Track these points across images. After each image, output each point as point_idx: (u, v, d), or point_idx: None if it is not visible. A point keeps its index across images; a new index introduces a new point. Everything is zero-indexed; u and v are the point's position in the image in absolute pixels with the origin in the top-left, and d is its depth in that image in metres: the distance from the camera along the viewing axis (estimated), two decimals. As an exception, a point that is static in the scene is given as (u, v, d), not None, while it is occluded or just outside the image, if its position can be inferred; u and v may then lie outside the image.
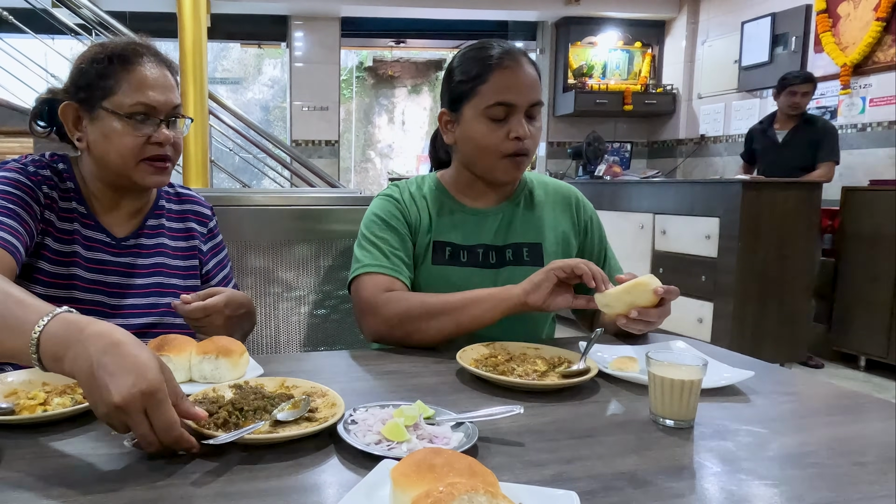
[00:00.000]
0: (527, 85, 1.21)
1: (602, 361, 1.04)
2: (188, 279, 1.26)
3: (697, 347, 1.14)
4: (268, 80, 10.39)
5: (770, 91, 5.32)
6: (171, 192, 1.32)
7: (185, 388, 0.92)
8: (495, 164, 1.24)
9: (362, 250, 1.27)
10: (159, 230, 1.26)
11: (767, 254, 3.74)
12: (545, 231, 1.33)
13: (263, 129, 4.91)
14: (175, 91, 1.16)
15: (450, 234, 1.29)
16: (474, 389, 0.95)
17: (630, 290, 1.04)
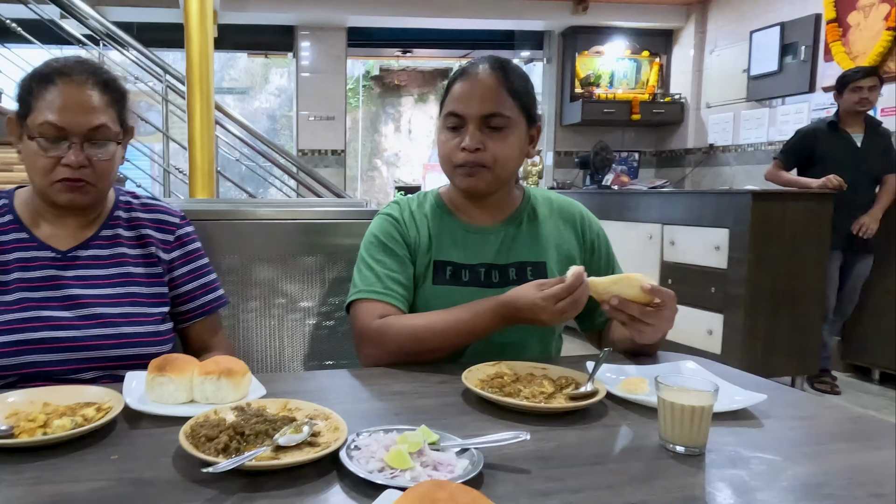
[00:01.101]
0: (479, 96, 1.20)
1: (610, 383, 1.02)
2: (153, 286, 1.23)
3: (707, 367, 1.13)
4: (274, 90, 10.45)
5: (779, 101, 5.33)
6: (135, 202, 1.29)
7: (187, 410, 0.92)
8: (451, 172, 1.25)
9: (359, 273, 1.28)
10: (116, 240, 1.24)
11: (778, 265, 3.71)
12: (549, 249, 1.31)
13: (270, 138, 4.93)
14: (98, 113, 1.12)
15: (451, 253, 1.28)
16: (480, 412, 0.94)
17: (617, 282, 1.06)
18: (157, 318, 1.20)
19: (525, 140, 1.26)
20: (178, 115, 4.58)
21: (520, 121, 1.23)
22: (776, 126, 5.26)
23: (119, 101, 1.18)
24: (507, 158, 1.23)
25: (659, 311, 1.05)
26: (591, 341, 1.41)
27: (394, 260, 1.26)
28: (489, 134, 1.21)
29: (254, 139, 4.72)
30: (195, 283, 1.29)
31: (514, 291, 1.10)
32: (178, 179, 4.62)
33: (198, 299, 1.29)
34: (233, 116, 4.50)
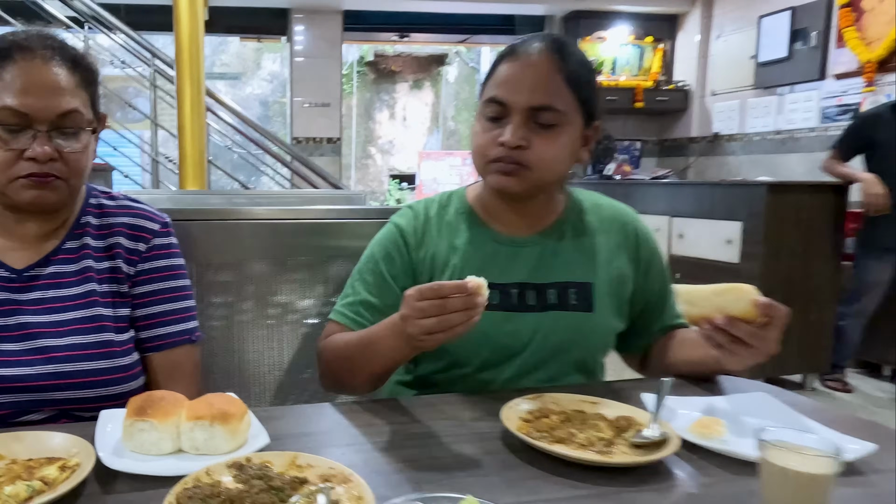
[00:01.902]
0: (529, 82, 1.00)
1: (676, 421, 0.86)
2: (119, 307, 1.02)
3: (777, 396, 0.97)
4: (267, 75, 10.18)
5: (787, 88, 5.16)
6: (109, 204, 1.08)
7: (173, 465, 0.75)
8: (484, 168, 1.05)
9: (347, 287, 1.12)
10: (83, 251, 1.02)
11: (792, 260, 3.57)
12: (597, 267, 1.10)
13: (262, 125, 4.72)
14: (68, 95, 0.93)
15: (477, 270, 1.03)
16: (528, 463, 0.77)
17: (722, 293, 0.88)
18: (124, 348, 1.00)
19: (578, 141, 1.05)
20: (168, 101, 4.38)
21: (575, 117, 1.03)
22: (784, 115, 5.10)
23: (91, 83, 0.99)
24: (553, 161, 1.03)
25: (766, 332, 0.87)
26: (631, 364, 1.24)
27: (377, 280, 1.08)
28: (536, 130, 1.00)
29: (246, 127, 4.51)
30: (157, 308, 1.05)
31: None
32: (168, 169, 4.42)
33: (154, 328, 1.04)
34: (225, 103, 4.30)
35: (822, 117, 4.76)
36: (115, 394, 0.95)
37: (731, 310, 0.86)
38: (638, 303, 1.13)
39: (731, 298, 0.86)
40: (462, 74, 11.03)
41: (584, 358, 1.10)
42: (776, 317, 0.86)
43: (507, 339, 1.06)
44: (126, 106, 4.76)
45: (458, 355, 1.07)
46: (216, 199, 2.41)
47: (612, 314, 1.10)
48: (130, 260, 1.05)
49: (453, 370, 1.08)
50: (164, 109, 4.57)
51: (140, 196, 2.20)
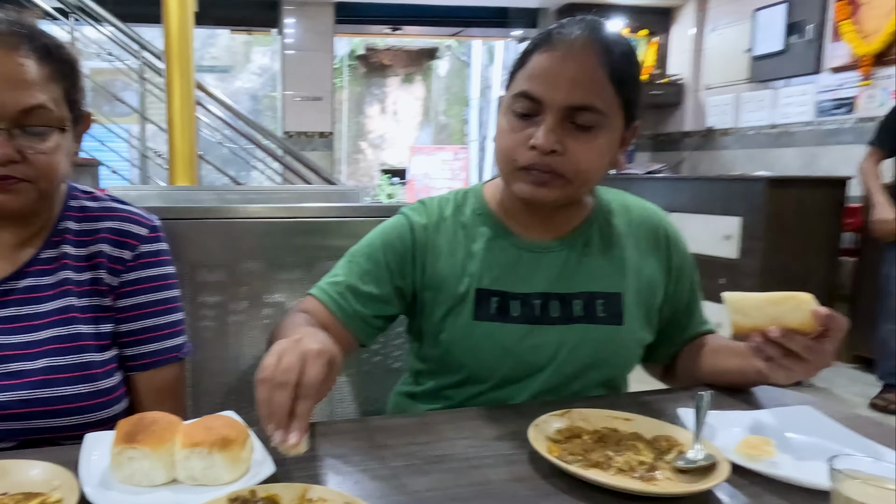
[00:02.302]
0: (569, 78, 0.87)
1: (718, 439, 0.79)
2: (100, 323, 0.91)
3: (825, 410, 0.90)
4: (257, 69, 10.02)
5: (782, 82, 5.11)
6: (92, 206, 0.96)
7: (168, 496, 0.66)
8: (510, 173, 0.93)
9: (337, 266, 1.02)
10: (61, 262, 0.91)
11: (791, 255, 3.53)
12: (626, 276, 1.00)
13: (253, 119, 4.61)
14: (34, 89, 0.82)
15: (497, 278, 0.97)
16: (564, 493, 0.69)
17: (778, 302, 0.78)
18: (106, 369, 0.89)
19: (616, 145, 0.94)
20: (157, 94, 4.25)
21: (616, 119, 0.91)
22: (779, 108, 5.05)
23: (66, 76, 0.87)
24: (590, 170, 0.91)
25: (822, 345, 0.79)
26: (652, 373, 1.15)
27: (371, 267, 0.99)
28: (571, 132, 0.88)
29: (237, 121, 4.40)
30: (143, 323, 0.94)
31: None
32: (157, 164, 4.30)
33: (140, 345, 0.94)
34: (215, 96, 4.19)
35: (818, 111, 4.70)
36: (97, 420, 0.85)
37: (787, 321, 0.78)
38: (667, 311, 1.05)
39: (788, 308, 0.78)
40: (453, 68, 10.93)
41: (612, 375, 1.02)
42: (835, 329, 0.77)
43: (530, 355, 0.96)
44: (113, 100, 4.63)
45: (474, 370, 0.98)
46: (207, 196, 2.31)
47: (642, 326, 1.01)
48: (114, 269, 0.93)
49: (468, 386, 0.99)
50: (153, 103, 4.44)
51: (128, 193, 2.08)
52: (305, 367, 0.65)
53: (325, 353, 0.68)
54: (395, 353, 1.33)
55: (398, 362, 1.33)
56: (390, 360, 1.32)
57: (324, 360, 0.67)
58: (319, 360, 0.66)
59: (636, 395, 1.02)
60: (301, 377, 0.65)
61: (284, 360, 0.66)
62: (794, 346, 0.78)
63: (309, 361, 0.66)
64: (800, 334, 0.78)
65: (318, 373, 0.65)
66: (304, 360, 0.66)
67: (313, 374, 0.65)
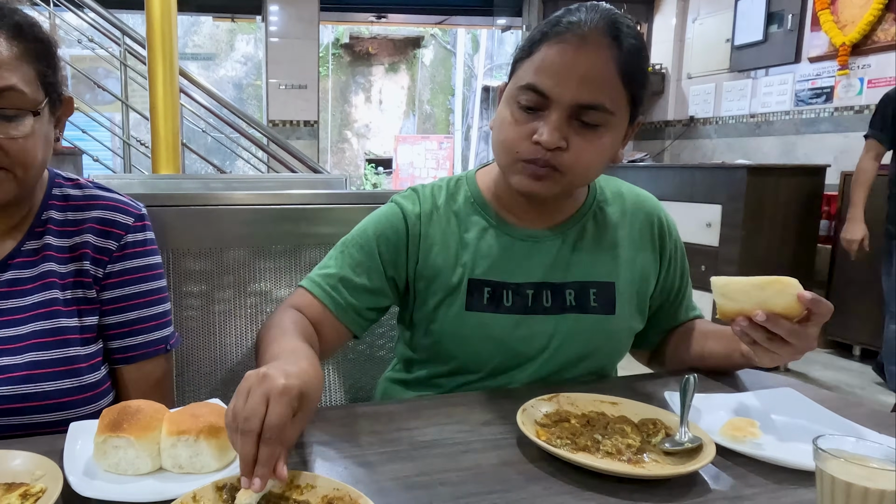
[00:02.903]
0: (580, 75, 0.83)
1: (704, 421, 0.79)
2: (85, 316, 0.88)
3: (802, 390, 0.91)
4: (241, 57, 9.88)
5: (762, 72, 5.13)
6: (76, 194, 0.92)
7: (153, 488, 0.65)
8: (510, 165, 0.90)
9: (328, 257, 0.99)
10: (44, 253, 0.87)
11: (770, 242, 3.57)
12: (620, 265, 0.98)
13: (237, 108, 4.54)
14: (4, 70, 0.77)
15: (490, 268, 0.95)
16: (553, 476, 0.69)
17: (764, 286, 0.78)
18: (91, 363, 0.87)
19: (620, 140, 0.91)
20: (139, 82, 4.17)
21: (622, 117, 0.88)
22: (758, 98, 5.08)
23: (41, 56, 0.82)
24: (593, 166, 0.89)
25: (806, 329, 0.78)
26: (639, 357, 1.15)
27: (365, 258, 0.96)
28: (577, 128, 0.85)
29: (221, 109, 4.33)
30: (130, 315, 0.91)
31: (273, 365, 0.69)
32: (140, 153, 4.22)
33: (126, 338, 0.91)
34: (199, 83, 4.11)
35: (796, 100, 4.74)
36: (82, 415, 0.82)
37: (773, 305, 0.78)
38: (657, 298, 1.04)
39: (773, 292, 0.78)
40: (438, 57, 10.86)
41: (603, 364, 1.01)
42: (819, 313, 0.77)
43: (521, 345, 0.95)
44: (95, 87, 4.52)
45: (466, 360, 0.96)
46: (191, 184, 2.27)
47: (633, 315, 1.00)
48: (98, 260, 0.89)
49: (459, 376, 0.98)
50: (136, 91, 4.36)
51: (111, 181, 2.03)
52: (269, 409, 0.60)
53: (290, 389, 0.62)
54: (380, 342, 1.32)
55: (384, 350, 1.32)
56: (376, 347, 1.31)
57: (288, 397, 0.61)
58: (283, 399, 0.61)
59: (623, 379, 1.02)
60: (264, 420, 0.60)
61: (248, 404, 0.60)
62: (778, 329, 0.78)
63: (272, 401, 0.60)
64: (785, 318, 0.78)
65: (280, 413, 0.60)
66: (268, 400, 0.61)
67: (275, 416, 0.59)
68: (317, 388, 0.69)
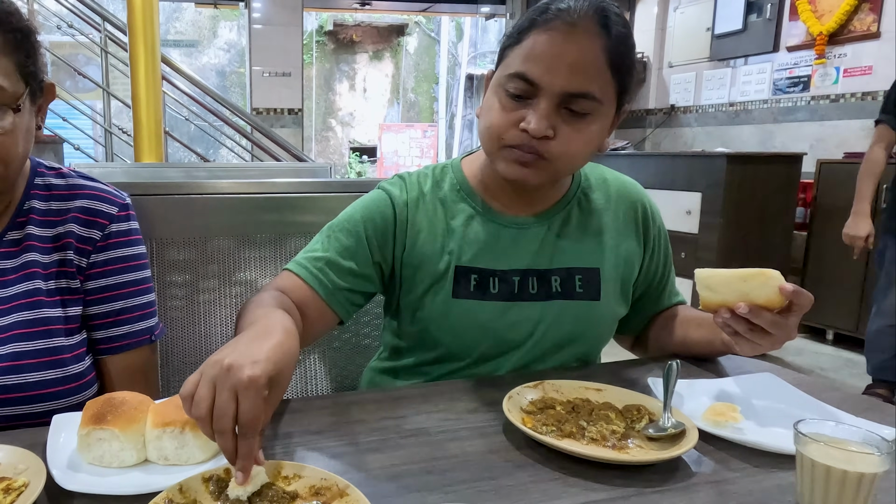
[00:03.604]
0: (569, 63, 0.81)
1: (686, 407, 0.79)
2: (69, 306, 0.86)
3: (782, 376, 0.91)
4: (224, 44, 9.72)
5: (741, 60, 5.16)
6: (58, 184, 0.90)
7: (139, 480, 0.64)
8: (496, 152, 0.89)
9: (314, 241, 0.97)
10: (26, 243, 0.85)
11: (748, 229, 3.60)
12: (605, 251, 0.98)
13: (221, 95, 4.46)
14: None
15: (476, 255, 0.94)
16: (539, 463, 0.69)
17: (747, 279, 0.78)
18: (75, 353, 0.85)
19: (607, 129, 0.90)
20: (121, 69, 4.09)
21: (610, 106, 0.87)
22: (737, 87, 5.11)
23: (20, 46, 0.78)
24: (579, 154, 0.88)
25: (787, 320, 0.79)
26: (622, 343, 1.16)
27: (352, 242, 0.94)
28: (565, 117, 0.84)
29: (205, 97, 4.26)
30: (114, 305, 0.89)
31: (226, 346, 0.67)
32: (123, 141, 4.15)
33: (110, 328, 0.89)
34: (182, 71, 4.04)
35: (774, 89, 4.77)
36: (67, 406, 0.81)
37: (755, 297, 0.78)
38: (641, 285, 1.04)
39: (756, 284, 0.78)
40: (422, 45, 10.77)
41: (587, 350, 1.01)
42: (800, 304, 0.78)
43: (508, 332, 0.94)
44: (76, 74, 4.43)
45: (452, 348, 0.96)
46: (174, 173, 2.23)
47: (618, 301, 1.00)
48: (82, 250, 0.88)
49: (445, 363, 0.98)
50: (117, 78, 4.28)
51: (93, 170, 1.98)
52: (239, 404, 0.58)
53: (256, 381, 0.59)
54: (365, 330, 1.31)
55: (369, 338, 1.31)
56: (361, 336, 1.30)
57: (256, 389, 0.59)
58: (251, 393, 0.58)
59: (607, 365, 1.02)
60: (237, 416, 0.58)
61: (217, 402, 0.58)
62: (760, 321, 0.78)
63: (241, 395, 0.58)
64: (766, 310, 0.78)
65: (251, 408, 0.58)
66: (237, 395, 0.58)
67: (247, 411, 0.58)
68: (289, 363, 0.66)
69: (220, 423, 0.57)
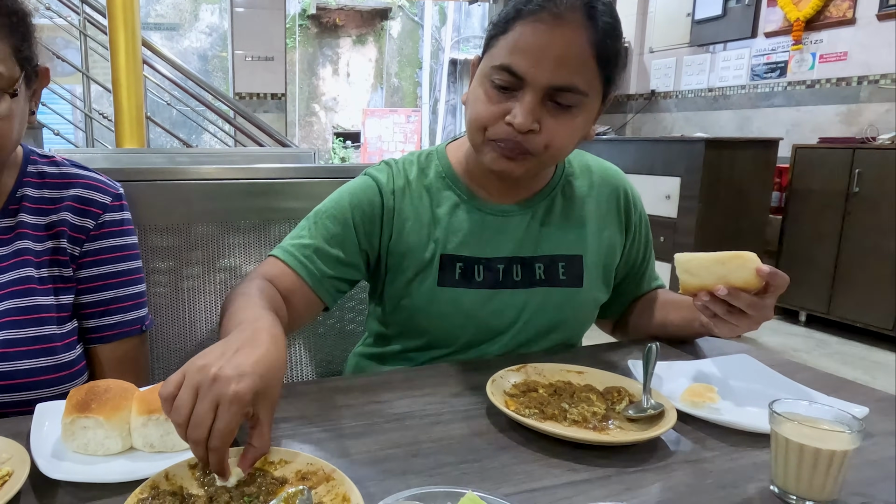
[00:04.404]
0: (555, 56, 0.80)
1: (665, 388, 0.80)
2: (61, 295, 0.85)
3: (758, 358, 0.93)
4: (205, 28, 9.53)
5: (721, 46, 5.17)
6: (51, 172, 0.88)
7: (125, 468, 0.63)
8: (481, 144, 0.88)
9: (299, 226, 0.96)
10: (18, 231, 0.84)
11: (725, 213, 3.63)
12: (587, 237, 0.98)
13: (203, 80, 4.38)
14: None
15: (462, 243, 0.93)
16: (521, 445, 0.69)
17: (725, 262, 0.79)
18: (67, 342, 0.84)
19: (592, 119, 0.89)
20: (101, 52, 3.99)
21: (595, 98, 0.86)
22: (716, 72, 5.13)
23: (16, 30, 0.76)
24: (564, 146, 0.87)
25: (764, 300, 0.79)
26: (602, 327, 1.16)
27: (339, 229, 0.93)
28: (550, 109, 0.83)
29: (187, 81, 4.18)
30: (106, 294, 0.88)
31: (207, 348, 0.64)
32: (104, 126, 4.07)
33: (102, 317, 0.89)
34: (163, 55, 3.95)
35: (752, 75, 4.80)
36: (57, 395, 0.80)
37: (733, 279, 0.79)
38: (622, 270, 1.05)
39: (733, 267, 0.79)
40: (405, 29, 10.65)
41: (570, 336, 1.01)
42: (776, 285, 0.79)
43: (492, 319, 0.94)
44: (54, 58, 4.32)
45: (438, 335, 0.96)
46: (156, 158, 2.19)
47: (600, 287, 1.01)
48: (76, 239, 0.87)
49: (431, 350, 0.98)
50: (97, 62, 4.18)
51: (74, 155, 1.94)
52: (217, 416, 0.56)
53: (241, 397, 0.56)
54: (349, 315, 1.30)
55: (353, 324, 1.31)
56: (346, 321, 1.30)
57: (239, 405, 0.56)
58: (233, 409, 0.56)
59: (589, 349, 1.03)
60: (211, 427, 0.56)
61: (196, 410, 0.56)
62: (738, 302, 0.79)
63: (222, 408, 0.56)
64: (744, 291, 0.79)
65: (228, 422, 0.55)
66: (218, 408, 0.56)
67: (223, 424, 0.55)
68: (276, 375, 0.63)
69: (195, 432, 0.55)
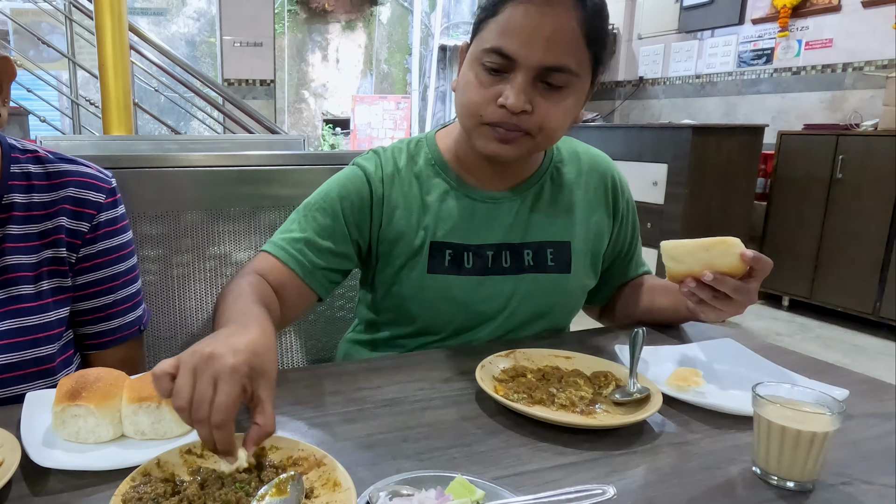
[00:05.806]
0: (546, 37, 0.80)
1: (651, 372, 0.81)
2: (61, 307, 0.81)
3: (742, 342, 0.94)
4: (193, 13, 9.37)
5: (708, 33, 5.16)
6: (39, 171, 0.81)
7: (116, 455, 0.63)
8: (474, 129, 0.88)
9: (289, 220, 0.95)
10: (4, 246, 0.78)
11: (712, 200, 3.65)
12: (576, 224, 0.98)
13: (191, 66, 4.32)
14: None
15: (451, 230, 0.93)
16: (510, 429, 0.70)
17: (709, 248, 0.79)
18: (64, 357, 0.81)
19: (583, 100, 0.89)
20: (87, 38, 3.92)
21: (585, 78, 0.86)
22: (704, 59, 5.13)
23: None
24: (556, 129, 0.87)
25: (748, 285, 0.80)
26: (589, 313, 1.17)
27: (329, 221, 0.92)
28: (541, 90, 0.83)
29: (174, 67, 4.12)
30: (103, 300, 0.84)
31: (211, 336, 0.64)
32: (91, 113, 4.01)
33: (100, 323, 0.85)
34: (150, 40, 3.89)
35: (739, 61, 4.80)
36: None
37: (718, 265, 0.80)
38: (609, 256, 1.05)
39: (718, 253, 0.79)
40: (395, 15, 10.54)
41: (559, 321, 1.02)
42: (760, 269, 0.80)
43: (481, 306, 0.95)
44: (39, 43, 4.24)
45: (428, 322, 0.96)
46: (145, 146, 2.16)
47: (587, 273, 1.01)
48: (72, 244, 0.81)
49: (421, 336, 0.98)
50: (84, 47, 4.11)
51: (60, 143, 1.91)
52: (216, 391, 0.56)
53: (238, 369, 0.57)
54: (339, 302, 1.30)
55: (343, 311, 1.31)
56: (336, 308, 1.30)
57: (238, 377, 0.57)
58: (233, 379, 0.56)
59: (576, 334, 1.03)
60: (212, 405, 0.56)
61: (197, 390, 0.56)
62: (724, 287, 0.80)
63: (221, 382, 0.56)
64: (729, 276, 0.80)
65: (228, 394, 0.55)
66: (216, 383, 0.56)
67: (223, 397, 0.55)
68: (270, 358, 0.63)
69: (199, 411, 0.55)
